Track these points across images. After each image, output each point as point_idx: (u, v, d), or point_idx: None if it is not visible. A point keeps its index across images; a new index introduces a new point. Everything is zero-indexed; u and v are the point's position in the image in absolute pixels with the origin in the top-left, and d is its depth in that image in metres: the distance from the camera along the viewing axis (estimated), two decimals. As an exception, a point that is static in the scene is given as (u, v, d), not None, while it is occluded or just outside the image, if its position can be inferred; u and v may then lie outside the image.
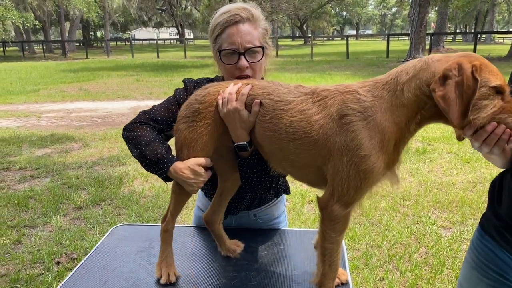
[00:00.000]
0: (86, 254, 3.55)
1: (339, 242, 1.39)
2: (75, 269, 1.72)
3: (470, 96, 1.16)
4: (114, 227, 2.11)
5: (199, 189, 2.06)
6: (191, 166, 1.51)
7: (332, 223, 1.34)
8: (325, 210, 1.35)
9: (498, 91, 1.20)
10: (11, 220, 4.25)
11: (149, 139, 1.58)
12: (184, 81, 1.83)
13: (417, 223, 4.02)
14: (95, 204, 4.66)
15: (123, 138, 1.66)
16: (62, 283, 1.62)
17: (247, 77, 1.67)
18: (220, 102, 1.49)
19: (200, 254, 1.83)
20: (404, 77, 1.26)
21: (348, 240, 3.67)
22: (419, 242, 3.64)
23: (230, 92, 1.48)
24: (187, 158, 1.53)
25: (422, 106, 1.25)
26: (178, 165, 1.53)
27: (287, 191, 2.00)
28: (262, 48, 1.67)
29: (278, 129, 1.40)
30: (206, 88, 1.57)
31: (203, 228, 2.00)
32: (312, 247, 1.77)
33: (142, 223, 4.12)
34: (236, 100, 1.46)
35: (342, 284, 1.57)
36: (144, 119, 1.67)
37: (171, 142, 1.67)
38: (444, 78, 1.18)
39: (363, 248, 3.56)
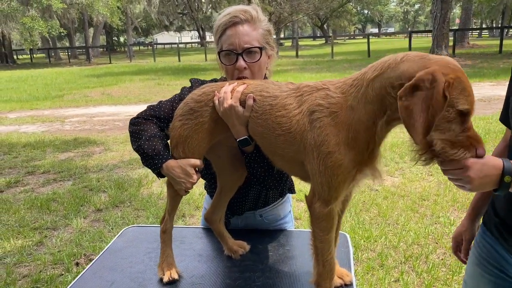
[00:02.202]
0: (104, 255, 3.65)
1: (329, 241, 1.38)
2: (85, 269, 1.77)
3: (436, 113, 1.05)
4: (125, 229, 2.16)
5: (206, 191, 2.10)
6: (183, 165, 1.56)
7: (317, 221, 1.35)
8: (310, 208, 1.37)
9: (462, 115, 1.10)
10: (34, 222, 4.38)
11: (150, 134, 1.64)
12: (190, 80, 1.88)
13: (435, 223, 3.94)
14: (114, 206, 4.76)
15: (128, 130, 1.73)
16: (71, 284, 1.67)
17: (245, 78, 1.70)
18: (216, 102, 1.53)
19: (206, 255, 1.85)
20: (371, 74, 1.21)
21: (364, 241, 3.63)
22: (436, 243, 3.58)
23: (225, 91, 1.52)
24: (182, 155, 1.58)
25: (387, 106, 1.17)
26: (171, 163, 1.58)
27: (292, 190, 2.01)
28: (260, 48, 1.69)
29: (267, 124, 1.43)
30: (202, 88, 1.62)
31: (211, 229, 2.03)
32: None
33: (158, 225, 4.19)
34: (231, 98, 1.50)
35: (346, 285, 1.56)
36: (149, 115, 1.73)
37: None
38: (415, 88, 1.07)
39: (378, 249, 3.52)
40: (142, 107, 1.79)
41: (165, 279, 1.61)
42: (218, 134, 1.59)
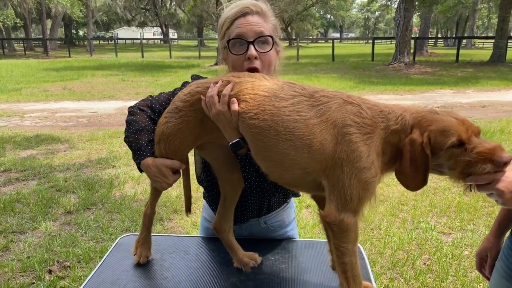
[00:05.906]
0: (79, 262, 3.43)
1: (356, 253, 1.33)
2: (82, 285, 1.61)
3: (425, 167, 1.22)
4: (120, 238, 2.00)
5: (205, 200, 1.98)
6: (159, 165, 1.52)
7: (345, 234, 1.29)
8: (334, 222, 1.29)
9: (458, 145, 1.19)
10: (-3, 226, 4.06)
11: (139, 127, 1.57)
12: (192, 76, 1.78)
13: (417, 228, 3.99)
14: (85, 209, 4.50)
15: (125, 120, 1.66)
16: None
17: (256, 69, 1.60)
18: (204, 106, 1.45)
19: (213, 267, 1.72)
20: (393, 125, 1.28)
21: (349, 247, 3.60)
22: (420, 249, 3.60)
23: (211, 95, 1.42)
24: (164, 152, 1.53)
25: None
26: (148, 161, 1.53)
27: (296, 193, 1.92)
28: (272, 38, 1.61)
29: (266, 126, 1.33)
30: (189, 86, 1.53)
31: (215, 238, 1.91)
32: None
33: (156, 233, 3.99)
34: (219, 101, 1.41)
35: (370, 299, 1.50)
36: (145, 105, 1.66)
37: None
38: (405, 149, 1.24)
39: (365, 254, 3.49)
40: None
41: (135, 259, 1.73)
42: (204, 135, 1.52)
